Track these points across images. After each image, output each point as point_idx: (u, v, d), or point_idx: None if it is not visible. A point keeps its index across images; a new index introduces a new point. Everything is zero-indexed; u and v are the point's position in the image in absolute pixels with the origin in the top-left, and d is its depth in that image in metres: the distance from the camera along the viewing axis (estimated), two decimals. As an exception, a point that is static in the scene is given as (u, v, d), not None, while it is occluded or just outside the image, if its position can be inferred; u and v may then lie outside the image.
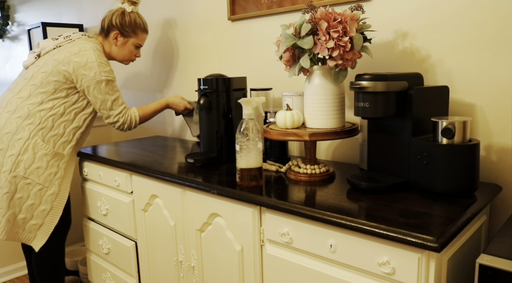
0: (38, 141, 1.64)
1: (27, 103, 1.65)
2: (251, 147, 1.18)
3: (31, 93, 1.66)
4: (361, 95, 1.11)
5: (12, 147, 1.63)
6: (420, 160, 1.08)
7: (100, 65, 1.67)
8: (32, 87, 1.67)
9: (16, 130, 1.63)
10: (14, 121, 1.64)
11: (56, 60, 1.67)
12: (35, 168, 1.65)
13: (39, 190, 1.67)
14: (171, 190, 1.43)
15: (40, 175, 1.66)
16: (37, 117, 1.65)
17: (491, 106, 1.19)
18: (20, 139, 1.63)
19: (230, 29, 1.85)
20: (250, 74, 1.80)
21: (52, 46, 1.74)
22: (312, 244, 1.04)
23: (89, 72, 1.65)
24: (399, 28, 1.34)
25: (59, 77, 1.66)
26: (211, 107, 1.47)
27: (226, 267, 1.28)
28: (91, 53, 1.68)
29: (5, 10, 3.73)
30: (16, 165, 1.62)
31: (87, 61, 1.66)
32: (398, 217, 0.93)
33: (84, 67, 1.65)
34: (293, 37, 1.19)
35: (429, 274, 0.87)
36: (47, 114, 1.66)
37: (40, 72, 1.68)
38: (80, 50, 1.68)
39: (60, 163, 1.71)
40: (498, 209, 1.21)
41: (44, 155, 1.66)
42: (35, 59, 1.75)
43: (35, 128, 1.64)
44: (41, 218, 1.69)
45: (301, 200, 1.08)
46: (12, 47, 3.82)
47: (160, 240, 1.53)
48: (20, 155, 1.63)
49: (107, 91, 1.69)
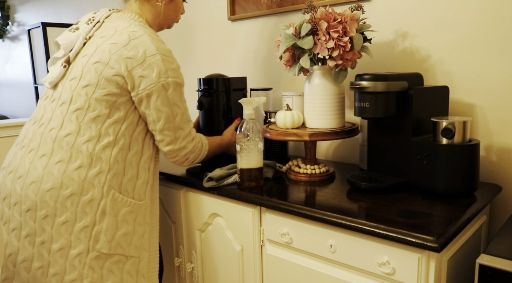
0: (115, 196, 1.09)
1: (82, 141, 1.07)
2: (251, 147, 1.18)
3: (80, 124, 1.08)
4: (361, 95, 1.11)
5: (84, 215, 1.05)
6: (420, 160, 1.08)
7: (165, 60, 1.11)
8: (78, 113, 1.08)
9: (83, 188, 1.06)
10: (75, 175, 1.06)
11: (100, 62, 1.09)
12: (121, 236, 1.09)
13: (132, 265, 1.13)
14: (171, 190, 1.43)
15: (129, 244, 1.11)
16: (104, 160, 1.08)
17: (491, 106, 1.19)
18: (92, 200, 1.06)
19: (230, 29, 1.85)
20: (250, 74, 1.80)
21: (80, 41, 1.15)
22: (312, 244, 1.04)
23: (150, 72, 1.08)
24: (399, 28, 1.34)
25: (110, 87, 1.08)
26: (211, 107, 1.46)
27: (226, 267, 1.28)
28: (147, 41, 1.10)
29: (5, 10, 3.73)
30: (95, 241, 1.06)
31: (144, 54, 1.09)
32: (398, 217, 0.93)
33: (142, 65, 1.08)
34: (293, 37, 1.19)
35: (429, 274, 0.87)
36: (113, 151, 1.09)
37: (82, 86, 1.09)
38: (130, 39, 1.10)
39: (145, 216, 1.17)
40: (498, 209, 1.21)
41: (128, 213, 1.11)
42: (64, 69, 1.14)
43: (106, 177, 1.07)
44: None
45: (301, 200, 1.08)
46: (12, 47, 3.82)
47: (160, 240, 1.53)
48: (96, 224, 1.06)
49: (176, 101, 1.13)
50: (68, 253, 1.06)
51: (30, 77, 3.22)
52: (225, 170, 1.24)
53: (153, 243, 1.22)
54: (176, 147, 1.17)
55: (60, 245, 1.06)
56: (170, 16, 1.30)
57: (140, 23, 1.18)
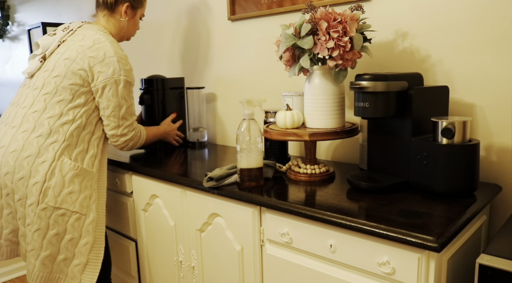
0: (65, 161, 1.35)
1: (45, 117, 1.36)
2: (251, 147, 1.18)
3: (46, 105, 1.37)
4: (361, 95, 1.11)
5: (36, 173, 1.32)
6: (420, 160, 1.08)
7: (120, 62, 1.40)
8: (46, 96, 1.38)
9: (38, 152, 1.33)
10: (35, 141, 1.34)
11: (69, 58, 1.39)
12: (67, 193, 1.34)
13: (77, 220, 1.36)
14: (171, 190, 1.43)
15: (74, 202, 1.35)
16: (61, 133, 1.35)
17: (491, 106, 1.19)
18: (45, 162, 1.33)
19: (230, 29, 1.85)
20: (250, 74, 1.80)
21: (55, 43, 1.46)
22: (312, 244, 1.04)
23: (106, 69, 1.38)
24: (399, 28, 1.34)
25: (75, 79, 1.37)
26: (152, 102, 1.80)
27: (226, 267, 1.28)
28: (108, 46, 1.41)
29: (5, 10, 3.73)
30: (44, 194, 1.32)
31: (104, 55, 1.39)
32: (398, 217, 0.93)
33: (101, 63, 1.38)
34: (293, 37, 1.19)
35: (429, 274, 0.87)
36: (70, 127, 1.36)
37: (52, 76, 1.39)
38: (94, 43, 1.41)
39: (92, 183, 1.41)
40: (498, 209, 1.21)
41: (75, 176, 1.36)
42: (40, 63, 1.45)
43: (60, 146, 1.35)
44: (84, 255, 1.38)
45: (301, 200, 1.08)
46: (12, 47, 3.82)
47: (160, 240, 1.53)
48: (46, 181, 1.32)
49: (124, 95, 1.42)
50: (25, 203, 1.35)
51: (30, 77, 3.21)
52: (225, 170, 1.24)
53: (100, 206, 1.46)
54: (118, 133, 1.45)
55: (19, 196, 1.35)
56: (130, 31, 1.62)
57: (104, 33, 1.49)
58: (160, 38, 2.22)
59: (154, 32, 2.24)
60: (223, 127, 1.97)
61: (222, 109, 1.96)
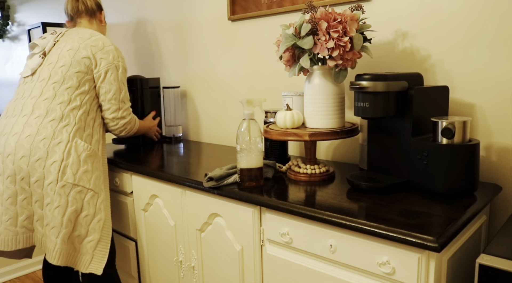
0: (78, 142, 1.44)
1: (56, 103, 1.45)
2: (251, 147, 1.18)
3: (56, 92, 1.46)
4: (361, 95, 1.11)
5: (53, 153, 1.39)
6: (420, 160, 1.08)
7: (117, 50, 1.57)
8: (55, 85, 1.47)
9: (53, 134, 1.41)
10: (49, 125, 1.42)
11: (72, 49, 1.51)
12: (83, 172, 1.42)
13: (92, 198, 1.43)
14: (171, 190, 1.43)
15: (89, 180, 1.43)
16: (71, 117, 1.45)
17: (491, 106, 1.19)
18: (61, 143, 1.41)
19: (230, 29, 1.85)
20: (250, 74, 1.80)
21: (51, 43, 1.58)
22: (312, 244, 1.04)
23: (107, 56, 1.52)
24: (399, 28, 1.34)
25: (79, 67, 1.48)
26: (134, 100, 1.90)
27: (226, 267, 1.28)
28: (104, 38, 1.56)
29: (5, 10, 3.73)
30: (63, 172, 1.39)
31: (103, 44, 1.53)
32: (398, 217, 0.93)
33: (102, 51, 1.51)
34: (293, 37, 1.19)
35: (429, 274, 0.87)
36: (79, 112, 1.46)
37: (58, 67, 1.49)
38: (92, 35, 1.55)
39: (99, 165, 1.50)
40: (498, 209, 1.21)
41: (88, 156, 1.45)
42: (42, 59, 1.55)
43: (72, 129, 1.44)
44: (97, 232, 1.43)
45: (301, 200, 1.08)
46: (12, 47, 3.82)
47: (160, 240, 1.53)
48: (64, 160, 1.40)
49: (123, 79, 1.56)
50: (43, 183, 1.40)
51: (30, 77, 3.21)
52: (225, 170, 1.24)
53: (106, 186, 1.54)
54: (119, 116, 1.56)
55: (36, 178, 1.40)
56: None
57: (93, 31, 1.61)
58: (160, 38, 2.22)
59: (154, 32, 2.24)
60: (222, 127, 1.97)
61: (222, 109, 1.96)
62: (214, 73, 1.96)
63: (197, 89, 2.06)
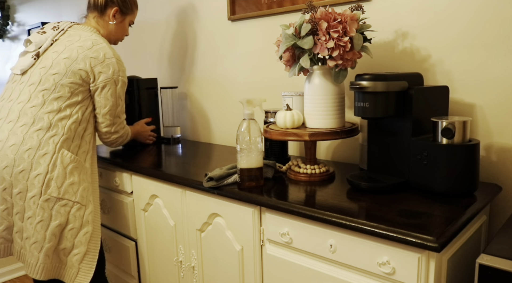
0: (65, 153, 1.38)
1: (44, 111, 1.39)
2: (251, 147, 1.18)
3: (45, 100, 1.40)
4: (361, 95, 1.11)
5: (38, 165, 1.35)
6: (420, 160, 1.08)
7: (118, 63, 1.49)
8: (44, 92, 1.40)
9: (39, 145, 1.36)
10: (35, 135, 1.36)
11: (69, 58, 1.43)
12: (69, 184, 1.38)
13: (78, 210, 1.39)
14: (171, 190, 1.43)
15: (75, 192, 1.39)
16: (60, 126, 1.39)
17: (491, 106, 1.19)
18: (46, 155, 1.36)
19: (230, 29, 1.85)
20: (250, 74, 1.80)
21: (48, 41, 1.49)
22: (312, 244, 1.04)
23: (107, 70, 1.45)
24: (399, 28, 1.34)
25: (74, 78, 1.42)
26: (131, 100, 1.92)
27: (226, 267, 1.28)
28: (106, 48, 1.47)
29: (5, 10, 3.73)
30: (47, 186, 1.35)
31: (104, 57, 1.45)
32: (398, 217, 0.93)
33: (102, 64, 1.44)
34: (293, 37, 1.19)
35: (429, 274, 0.87)
36: (68, 122, 1.40)
37: (51, 74, 1.42)
38: (93, 45, 1.46)
39: (87, 176, 1.46)
40: (498, 209, 1.21)
41: (75, 168, 1.40)
42: (34, 60, 1.47)
43: (59, 139, 1.38)
44: (84, 245, 1.40)
45: (301, 200, 1.08)
46: (12, 47, 3.82)
47: (160, 240, 1.53)
48: (48, 172, 1.35)
49: (120, 94, 1.51)
50: (25, 196, 1.35)
51: (30, 77, 3.21)
52: (225, 170, 1.24)
53: (95, 198, 1.50)
54: (112, 130, 1.54)
55: (19, 190, 1.36)
56: (117, 35, 1.65)
57: (98, 35, 1.54)
58: (160, 37, 2.22)
59: (154, 31, 2.24)
60: (222, 127, 1.97)
61: (222, 109, 1.96)
62: (213, 73, 1.96)
63: (196, 89, 2.06)
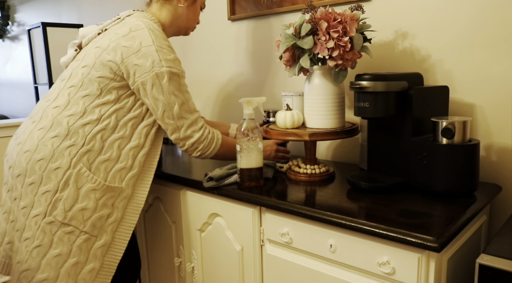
0: (82, 171, 1.13)
1: (65, 114, 1.15)
2: (251, 147, 1.18)
3: (70, 100, 1.16)
4: (361, 95, 1.11)
5: (48, 180, 1.12)
6: (420, 160, 1.08)
7: (160, 51, 1.15)
8: (71, 90, 1.17)
9: (52, 156, 1.13)
10: (49, 143, 1.14)
11: (100, 47, 1.18)
12: (79, 209, 1.13)
13: (85, 242, 1.14)
14: (171, 190, 1.43)
15: (86, 220, 1.14)
16: (80, 134, 1.14)
17: (491, 106, 1.19)
18: (58, 169, 1.12)
19: (230, 29, 1.85)
20: (250, 74, 1.80)
21: (95, 32, 1.26)
22: (312, 244, 1.04)
23: (144, 61, 1.13)
24: (399, 28, 1.34)
25: (104, 71, 1.15)
26: None
27: (226, 267, 1.28)
28: (145, 34, 1.16)
29: (5, 10, 3.73)
30: (53, 206, 1.12)
31: (140, 45, 1.14)
32: (398, 217, 0.93)
33: (136, 54, 1.13)
34: (293, 37, 1.19)
35: (429, 274, 0.87)
36: (94, 129, 1.14)
37: (81, 67, 1.19)
38: (131, 31, 1.17)
39: (117, 201, 1.18)
40: (498, 209, 1.21)
41: (92, 190, 1.14)
42: (75, 52, 1.28)
43: (77, 151, 1.13)
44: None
45: (301, 200, 1.08)
46: (12, 47, 3.82)
47: (160, 240, 1.53)
48: (58, 191, 1.12)
49: (172, 89, 1.15)
50: (29, 212, 1.14)
51: (30, 77, 3.21)
52: (225, 170, 1.24)
53: (122, 231, 1.21)
54: (181, 136, 1.20)
55: (25, 204, 1.15)
56: (189, 21, 1.36)
57: (148, 20, 1.23)
58: (160, 38, 2.22)
59: (154, 32, 2.24)
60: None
61: (221, 109, 1.96)
62: (213, 73, 1.96)
63: (196, 89, 2.06)
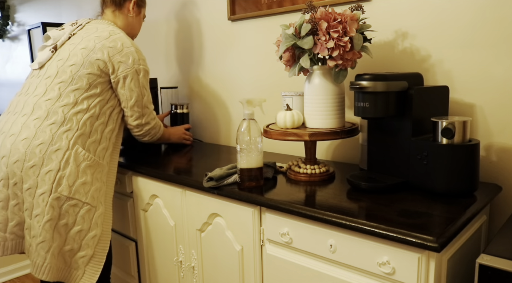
0: (79, 150, 1.33)
1: (59, 105, 1.34)
2: (251, 147, 1.18)
3: (61, 93, 1.35)
4: (361, 95, 1.11)
5: (49, 161, 1.29)
6: (420, 160, 1.08)
7: (137, 52, 1.44)
8: (61, 85, 1.36)
9: (52, 140, 1.31)
10: (48, 129, 1.31)
11: (86, 48, 1.40)
12: (80, 184, 1.32)
13: (87, 212, 1.34)
14: (171, 190, 1.43)
15: (86, 193, 1.34)
16: (74, 121, 1.34)
17: (491, 106, 1.19)
18: (59, 150, 1.30)
19: (230, 29, 1.85)
20: (250, 74, 1.80)
21: (66, 36, 1.47)
22: (312, 244, 1.04)
23: (126, 59, 1.40)
24: (399, 28, 1.34)
25: (92, 68, 1.37)
26: None
27: (226, 267, 1.28)
28: (124, 37, 1.44)
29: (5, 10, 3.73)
30: (57, 184, 1.29)
31: (122, 46, 1.41)
32: (398, 217, 0.93)
33: (120, 53, 1.39)
34: (293, 37, 1.19)
35: (429, 274, 0.87)
36: (84, 116, 1.35)
37: (68, 65, 1.38)
38: (111, 34, 1.42)
39: (102, 175, 1.40)
40: (498, 209, 1.21)
41: (88, 167, 1.35)
42: (51, 53, 1.45)
43: (73, 135, 1.33)
44: (91, 248, 1.36)
45: (301, 200, 1.08)
46: (12, 47, 3.82)
47: (160, 240, 1.53)
48: (60, 170, 1.30)
49: (144, 84, 1.45)
50: (34, 192, 1.30)
51: (30, 77, 3.21)
52: (225, 170, 1.24)
53: (108, 199, 1.44)
54: (143, 122, 1.49)
55: (29, 185, 1.30)
56: (136, 28, 1.65)
57: (115, 27, 1.52)
58: (159, 37, 2.22)
59: (154, 31, 2.24)
60: (222, 127, 1.97)
61: (221, 109, 1.96)
62: (213, 73, 1.96)
63: (196, 89, 2.06)
